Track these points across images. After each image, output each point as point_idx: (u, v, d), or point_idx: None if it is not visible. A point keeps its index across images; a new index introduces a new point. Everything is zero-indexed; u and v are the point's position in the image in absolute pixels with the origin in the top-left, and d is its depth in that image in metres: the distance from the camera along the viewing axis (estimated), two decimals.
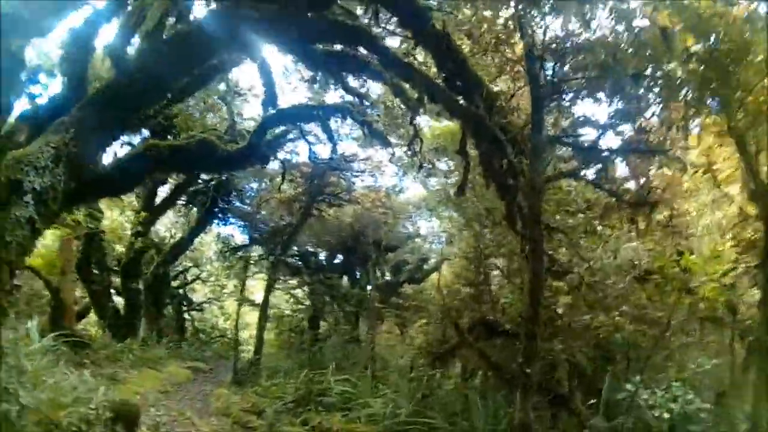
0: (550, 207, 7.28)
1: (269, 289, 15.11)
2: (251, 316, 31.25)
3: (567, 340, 6.95)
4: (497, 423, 6.98)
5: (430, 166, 12.48)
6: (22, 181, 5.17)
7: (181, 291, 21.90)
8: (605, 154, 6.78)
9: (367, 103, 11.17)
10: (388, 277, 18.55)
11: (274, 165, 13.94)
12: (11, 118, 7.09)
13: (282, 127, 11.74)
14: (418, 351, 11.34)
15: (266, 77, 10.46)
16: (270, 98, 10.96)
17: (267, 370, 13.21)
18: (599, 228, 7.77)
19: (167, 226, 22.79)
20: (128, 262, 15.22)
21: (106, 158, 8.24)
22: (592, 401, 6.89)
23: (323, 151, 15.20)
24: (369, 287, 17.01)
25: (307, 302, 19.93)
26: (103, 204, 18.36)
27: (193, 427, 8.22)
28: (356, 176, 16.40)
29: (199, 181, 19.86)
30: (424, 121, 11.81)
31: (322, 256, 21.64)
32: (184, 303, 21.99)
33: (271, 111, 10.58)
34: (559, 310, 7.27)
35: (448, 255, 13.80)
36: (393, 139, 12.29)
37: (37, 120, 6.94)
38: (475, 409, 7.55)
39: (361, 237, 17.82)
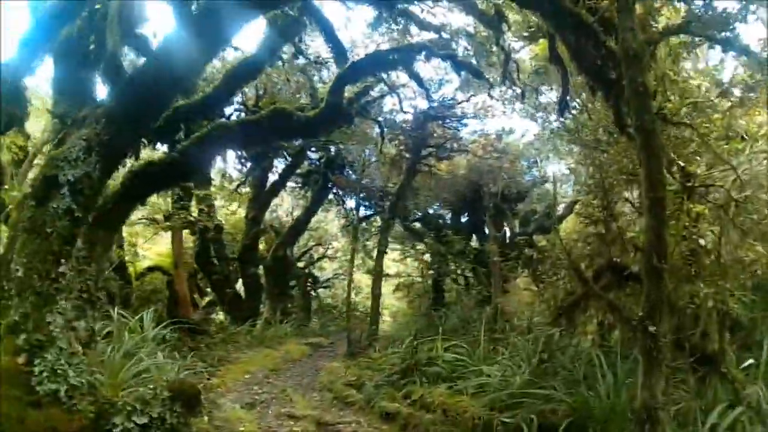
0: (670, 103, 5.42)
1: (381, 255, 14.55)
2: (383, 287, 31.74)
3: (715, 281, 5.18)
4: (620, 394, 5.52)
5: (534, 93, 10.89)
6: (57, 175, 5.18)
7: (306, 270, 22.47)
8: None
9: (446, 36, 9.94)
10: (516, 229, 17.01)
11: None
12: None
13: (361, 82, 10.87)
14: (545, 307, 9.94)
15: (328, 34, 9.71)
16: (339, 54, 10.20)
17: (384, 339, 12.77)
18: (741, 121, 5.71)
19: (287, 211, 23.52)
20: (244, 249, 15.73)
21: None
22: (750, 361, 5.12)
23: (421, 103, 14.25)
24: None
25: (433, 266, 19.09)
26: (218, 199, 19.49)
27: (291, 404, 7.94)
28: (460, 122, 15.03)
29: (308, 161, 20.20)
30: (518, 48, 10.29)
31: (447, 216, 20.82)
32: (310, 281, 22.59)
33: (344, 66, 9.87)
34: (702, 242, 5.47)
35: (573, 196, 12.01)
36: (487, 74, 10.90)
37: None
38: (600, 376, 6.14)
39: (480, 189, 16.55)
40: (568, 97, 7.48)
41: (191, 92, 6.66)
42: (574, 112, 9.53)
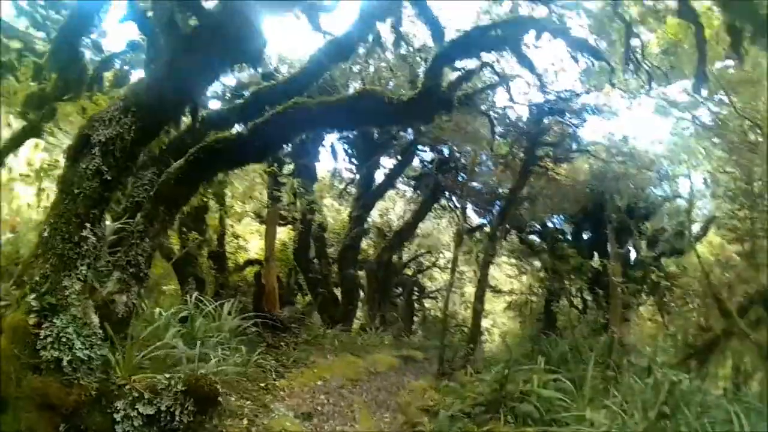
0: None
1: (486, 266, 13.02)
2: (494, 304, 29.62)
3: None
4: None
5: (663, 80, 8.79)
6: (90, 135, 4.81)
7: (414, 279, 21.42)
8: None
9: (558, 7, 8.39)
10: (642, 250, 14.51)
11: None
12: None
13: (463, 66, 9.65)
14: (671, 343, 7.83)
15: (423, 10, 8.72)
16: (435, 32, 9.14)
17: (482, 361, 11.25)
18: None
19: (399, 215, 22.76)
20: (343, 249, 15.15)
21: None
22: None
23: (535, 96, 12.56)
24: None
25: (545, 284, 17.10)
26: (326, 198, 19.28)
27: (353, 422, 6.90)
28: (579, 118, 13.03)
29: (421, 162, 19.32)
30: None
31: (568, 231, 18.66)
32: (416, 290, 21.47)
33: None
34: None
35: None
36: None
37: None
38: None
39: (603, 201, 14.41)
40: (705, 68, 5.61)
41: (251, 60, 5.95)
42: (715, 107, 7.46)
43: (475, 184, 16.98)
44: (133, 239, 6.04)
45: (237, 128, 8.06)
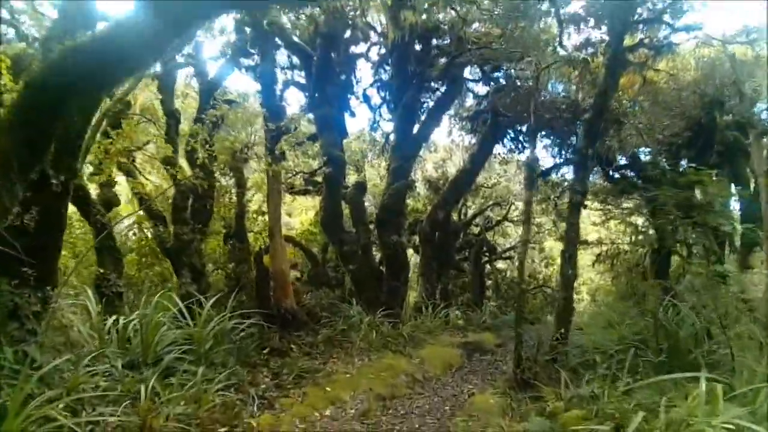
0: None
1: (576, 211, 9.29)
2: (580, 258, 25.31)
3: None
4: None
5: None
6: None
7: (481, 237, 17.84)
8: None
9: None
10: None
11: None
12: None
13: None
14: None
15: None
16: None
17: (576, 351, 7.76)
18: None
19: (457, 166, 19.12)
20: (382, 210, 11.92)
21: None
22: None
23: None
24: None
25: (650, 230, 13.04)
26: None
27: None
28: None
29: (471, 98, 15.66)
30: None
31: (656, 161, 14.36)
32: (485, 252, 17.87)
33: None
34: None
35: None
36: None
37: None
38: None
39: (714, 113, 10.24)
40: None
41: None
42: None
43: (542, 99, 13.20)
44: None
45: None
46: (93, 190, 9.53)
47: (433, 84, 13.84)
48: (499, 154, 17.55)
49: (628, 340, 7.32)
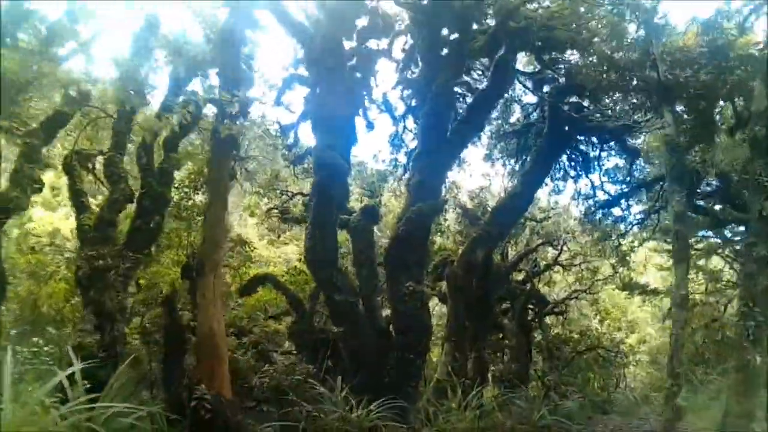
0: None
1: (684, 252, 5.42)
2: (640, 311, 20.89)
3: None
4: None
5: None
6: None
7: (527, 286, 13.73)
8: None
9: None
10: None
11: None
12: None
13: None
14: None
15: None
16: None
17: None
18: None
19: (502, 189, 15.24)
20: (397, 243, 8.15)
21: None
22: None
23: None
24: None
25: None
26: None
27: None
28: None
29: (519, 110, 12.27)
30: None
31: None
32: (533, 305, 13.71)
33: None
34: None
35: None
36: None
37: None
38: None
39: None
40: None
41: None
42: None
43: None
44: None
45: None
46: None
47: (472, 76, 10.31)
48: (551, 178, 13.84)
49: None
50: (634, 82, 9.45)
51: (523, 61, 11.54)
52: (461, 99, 11.60)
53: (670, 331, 18.45)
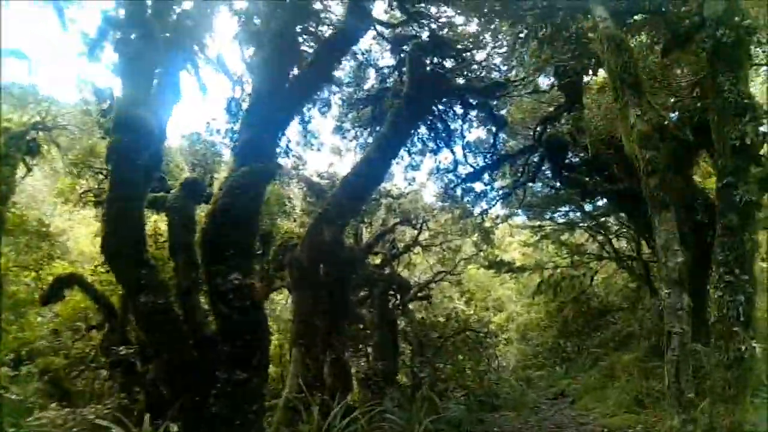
0: None
1: None
2: (504, 289, 21.29)
3: None
4: None
5: None
6: None
7: (386, 271, 12.34)
8: None
9: None
10: None
11: None
12: None
13: None
14: None
15: None
16: None
17: None
18: None
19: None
20: (217, 221, 6.02)
21: None
22: None
23: None
24: None
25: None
26: None
27: None
28: None
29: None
30: None
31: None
32: (394, 291, 12.37)
33: None
34: None
35: None
36: None
37: None
38: None
39: None
40: None
41: None
42: None
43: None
44: None
45: None
46: None
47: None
48: (408, 152, 12.66)
49: None
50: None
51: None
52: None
53: (537, 307, 18.62)
